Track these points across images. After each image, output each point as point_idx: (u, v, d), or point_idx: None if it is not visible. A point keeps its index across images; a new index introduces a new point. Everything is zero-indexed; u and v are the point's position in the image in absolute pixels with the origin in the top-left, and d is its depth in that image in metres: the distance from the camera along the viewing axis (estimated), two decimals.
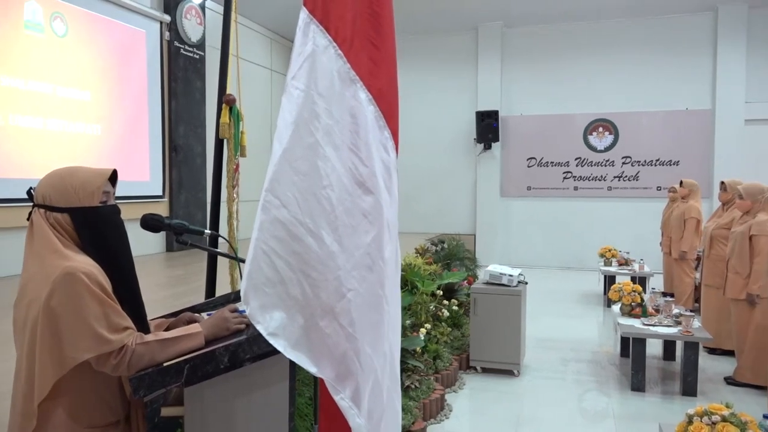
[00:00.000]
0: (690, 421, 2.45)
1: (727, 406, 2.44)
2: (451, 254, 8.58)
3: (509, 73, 11.66)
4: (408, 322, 4.79)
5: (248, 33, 10.45)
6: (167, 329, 1.86)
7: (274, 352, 1.56)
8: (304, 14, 1.68)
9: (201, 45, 8.90)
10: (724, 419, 2.37)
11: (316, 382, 2.04)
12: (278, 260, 1.56)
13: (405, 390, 4.09)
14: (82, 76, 7.08)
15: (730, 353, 5.37)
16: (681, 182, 7.41)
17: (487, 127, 11.45)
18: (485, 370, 5.22)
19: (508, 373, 5.17)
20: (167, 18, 8.32)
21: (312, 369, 1.57)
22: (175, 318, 1.99)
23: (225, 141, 3.19)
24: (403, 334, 4.46)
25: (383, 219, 1.69)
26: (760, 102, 10.36)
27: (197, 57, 8.86)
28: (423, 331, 4.85)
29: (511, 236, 11.71)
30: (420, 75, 12.06)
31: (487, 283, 5.23)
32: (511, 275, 5.18)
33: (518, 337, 5.12)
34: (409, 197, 11.65)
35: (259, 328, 1.54)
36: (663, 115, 10.95)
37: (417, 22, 11.73)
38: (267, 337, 1.54)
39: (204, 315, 2.04)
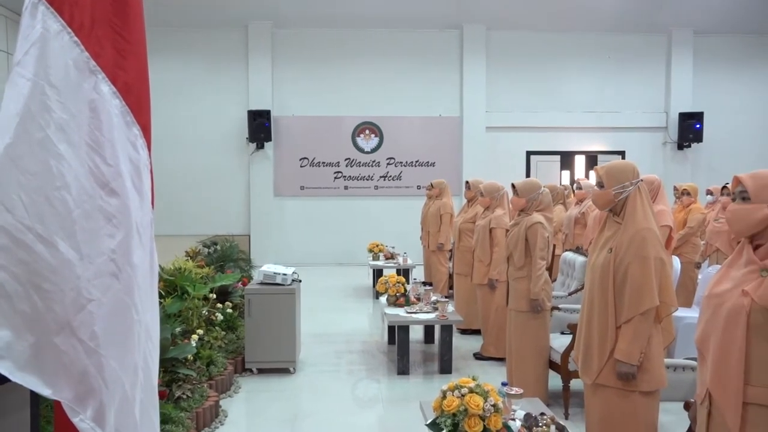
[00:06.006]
0: (444, 396, 2.72)
1: (473, 379, 2.77)
2: (225, 256, 8.37)
3: (280, 74, 11.74)
4: (178, 329, 4.55)
5: None
6: None
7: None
8: None
9: None
10: (471, 390, 2.68)
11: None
12: (0, 272, 1.38)
13: (176, 401, 3.88)
14: None
15: (477, 332, 6.09)
16: (431, 183, 8.22)
17: (259, 126, 11.38)
18: (261, 371, 5.20)
19: (285, 371, 5.22)
20: None
21: (45, 391, 1.41)
22: None
23: None
24: (173, 342, 4.23)
25: (131, 222, 1.57)
26: (497, 111, 11.93)
27: None
28: (195, 337, 4.64)
29: (286, 235, 11.82)
30: (188, 70, 11.52)
31: (261, 284, 5.21)
32: (285, 274, 5.22)
33: (293, 335, 5.18)
34: (179, 198, 11.07)
35: None
36: (421, 120, 12.01)
37: (183, 15, 11.18)
38: None
39: None
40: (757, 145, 11.93)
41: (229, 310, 5.60)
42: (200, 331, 4.83)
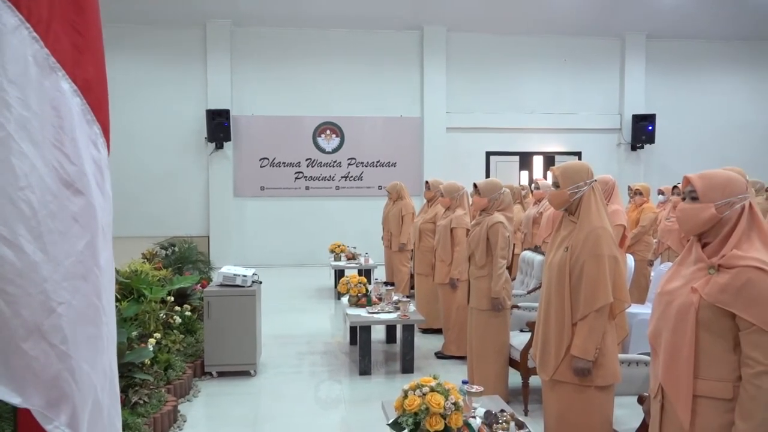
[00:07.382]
0: (405, 396, 2.73)
1: (434, 378, 2.79)
2: (183, 257, 8.23)
3: (239, 73, 11.59)
4: (135, 333, 4.44)
5: None
6: None
7: None
8: None
9: None
10: (432, 389, 2.70)
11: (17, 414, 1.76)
12: None
13: (132, 407, 3.79)
14: None
15: (438, 331, 6.14)
16: (387, 191, 8.29)
17: (218, 126, 11.21)
18: (221, 374, 5.12)
19: (245, 374, 5.15)
20: None
21: (15, 400, 1.36)
22: None
23: None
24: (130, 347, 4.14)
25: (97, 222, 1.54)
26: (457, 113, 12.04)
27: None
28: (152, 341, 4.54)
29: (246, 236, 11.68)
30: (145, 69, 11.27)
31: (221, 285, 5.13)
32: (245, 275, 5.16)
33: (254, 337, 5.13)
34: (136, 199, 10.81)
35: None
36: (382, 121, 12.03)
37: (140, 12, 10.92)
38: None
39: None
40: (706, 146, 12.36)
41: (188, 313, 5.50)
42: (158, 335, 4.73)
